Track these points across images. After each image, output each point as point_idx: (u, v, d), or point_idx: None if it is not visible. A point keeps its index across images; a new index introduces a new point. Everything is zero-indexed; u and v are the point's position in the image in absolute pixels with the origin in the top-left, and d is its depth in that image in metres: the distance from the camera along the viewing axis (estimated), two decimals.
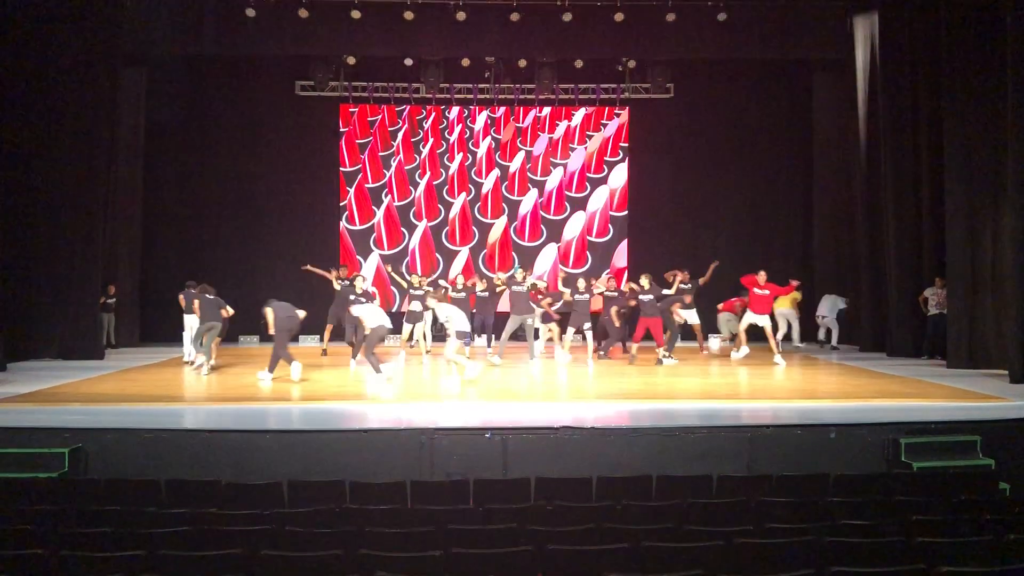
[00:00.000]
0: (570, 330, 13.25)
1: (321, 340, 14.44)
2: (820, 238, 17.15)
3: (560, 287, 13.76)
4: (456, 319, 11.05)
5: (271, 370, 10.96)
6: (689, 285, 14.04)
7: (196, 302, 12.10)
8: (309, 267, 14.30)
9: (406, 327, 13.61)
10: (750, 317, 12.95)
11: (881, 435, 7.92)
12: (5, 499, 6.08)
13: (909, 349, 13.77)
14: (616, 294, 13.85)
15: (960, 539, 4.97)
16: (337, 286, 13.74)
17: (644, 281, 13.11)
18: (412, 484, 6.28)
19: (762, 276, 12.91)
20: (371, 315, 11.14)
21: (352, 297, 12.79)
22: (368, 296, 13.29)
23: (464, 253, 17.44)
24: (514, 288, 12.85)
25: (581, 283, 13.19)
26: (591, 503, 6.04)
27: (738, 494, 6.15)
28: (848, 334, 15.76)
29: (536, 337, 13.54)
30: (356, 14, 14.24)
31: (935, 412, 8.68)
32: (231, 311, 12.06)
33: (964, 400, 9.44)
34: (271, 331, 11.09)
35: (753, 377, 11.59)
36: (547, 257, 17.54)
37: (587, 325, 12.95)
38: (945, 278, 12.73)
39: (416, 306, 13.29)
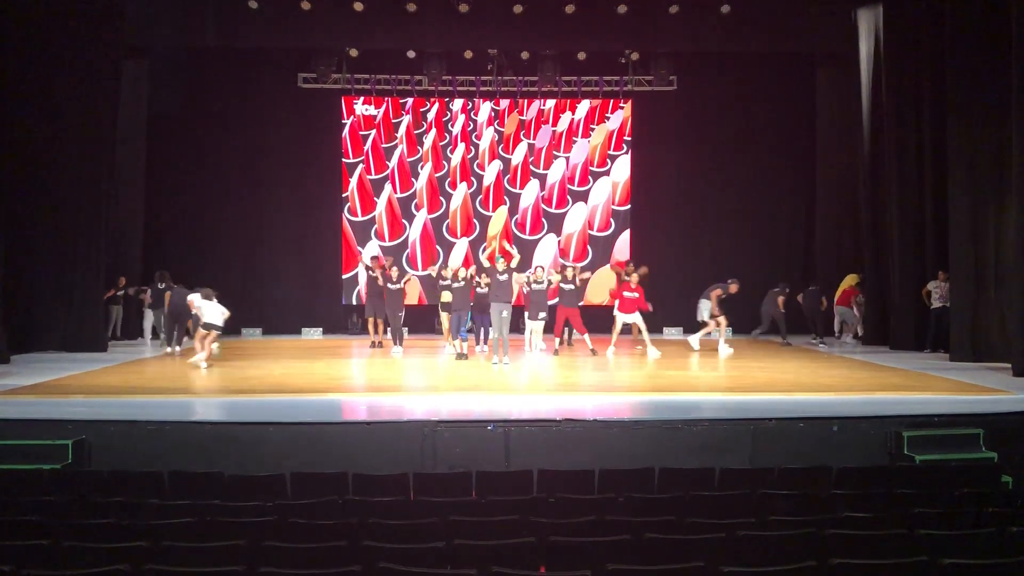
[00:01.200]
0: (530, 322, 13.32)
1: (374, 332, 14.54)
2: (823, 231, 17.14)
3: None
4: (208, 312, 11.41)
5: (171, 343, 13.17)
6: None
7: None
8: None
9: (444, 317, 13.56)
10: (621, 317, 13.31)
11: (883, 428, 7.93)
12: (9, 490, 6.10)
13: (912, 342, 13.75)
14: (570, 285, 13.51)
15: (962, 532, 4.98)
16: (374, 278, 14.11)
17: (569, 271, 13.38)
18: (415, 476, 6.29)
19: (634, 279, 13.31)
20: (208, 309, 11.58)
21: (391, 286, 13.52)
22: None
23: (464, 245, 17.43)
24: (498, 279, 12.40)
25: (540, 272, 13.11)
26: (593, 495, 6.05)
27: (740, 486, 6.15)
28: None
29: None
30: (359, 6, 14.20)
31: (938, 405, 8.69)
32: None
33: (967, 393, 9.43)
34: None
35: (755, 370, 11.58)
36: (548, 250, 17.52)
37: (542, 315, 12.94)
38: (948, 271, 12.72)
39: (448, 296, 13.20)
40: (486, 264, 13.90)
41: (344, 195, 17.33)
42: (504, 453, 7.61)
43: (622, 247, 17.51)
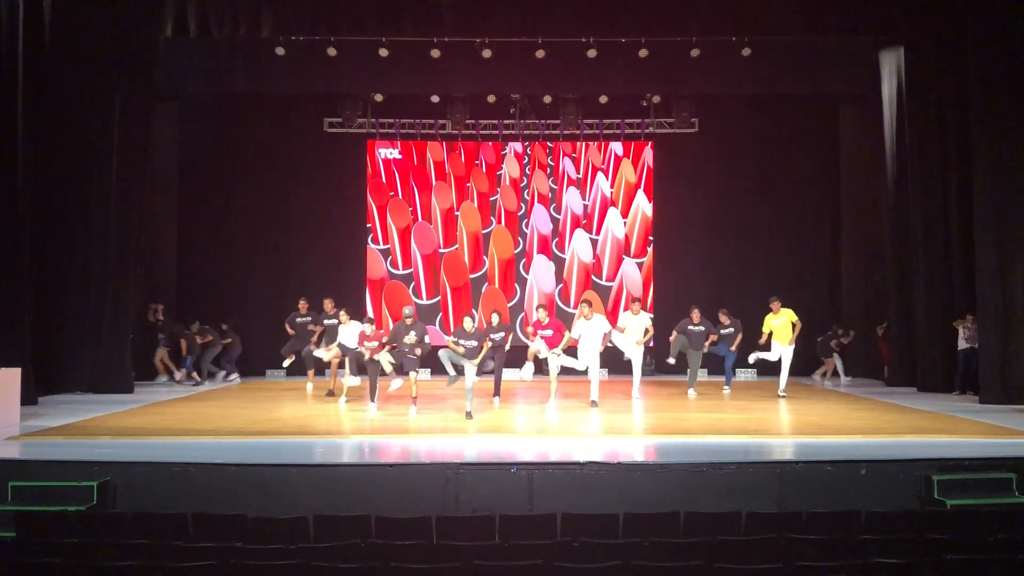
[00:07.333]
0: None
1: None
2: (848, 271, 17.03)
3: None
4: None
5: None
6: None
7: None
8: None
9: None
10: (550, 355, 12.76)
11: (913, 472, 7.79)
12: (34, 532, 6.13)
13: (940, 384, 13.55)
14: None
15: None
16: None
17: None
18: (437, 519, 6.25)
19: (543, 314, 12.19)
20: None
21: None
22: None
23: (469, 280, 17.58)
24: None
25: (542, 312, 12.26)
26: (618, 539, 5.97)
27: (768, 531, 6.06)
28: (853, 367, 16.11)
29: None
30: (384, 52, 14.46)
31: (968, 448, 8.54)
32: None
33: (998, 436, 9.27)
34: None
35: (782, 413, 11.46)
36: (547, 285, 17.60)
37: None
38: (975, 312, 12.56)
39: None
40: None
41: (368, 225, 17.52)
42: (528, 496, 7.56)
43: (645, 287, 17.47)
